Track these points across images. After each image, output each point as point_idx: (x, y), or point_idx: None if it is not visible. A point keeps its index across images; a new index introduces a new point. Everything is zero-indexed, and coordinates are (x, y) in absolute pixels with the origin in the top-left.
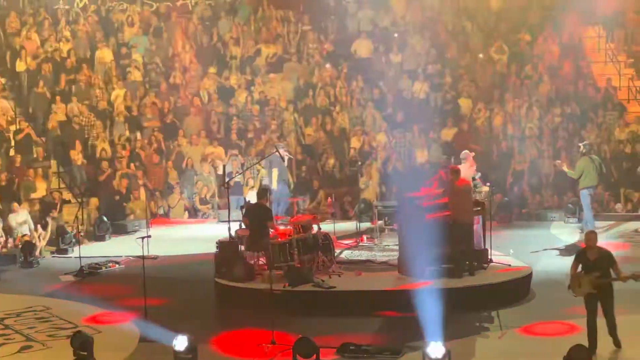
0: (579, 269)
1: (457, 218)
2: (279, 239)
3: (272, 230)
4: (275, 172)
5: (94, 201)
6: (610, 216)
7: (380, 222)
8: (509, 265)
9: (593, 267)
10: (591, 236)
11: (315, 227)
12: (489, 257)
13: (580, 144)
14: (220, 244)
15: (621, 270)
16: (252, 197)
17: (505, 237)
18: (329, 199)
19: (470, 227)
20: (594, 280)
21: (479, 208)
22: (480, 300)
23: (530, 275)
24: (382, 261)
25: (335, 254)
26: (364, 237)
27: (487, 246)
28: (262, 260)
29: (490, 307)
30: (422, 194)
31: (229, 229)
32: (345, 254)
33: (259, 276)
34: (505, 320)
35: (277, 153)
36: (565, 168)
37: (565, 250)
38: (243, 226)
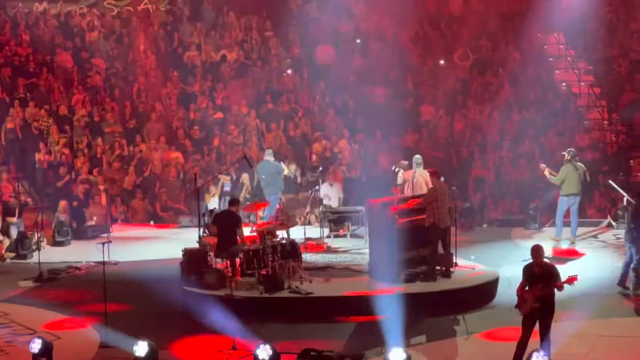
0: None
1: (436, 221)
2: (251, 246)
3: (239, 237)
4: (246, 177)
5: (63, 204)
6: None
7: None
8: (473, 269)
9: (538, 280)
10: (539, 252)
11: (279, 234)
12: (454, 261)
13: (564, 152)
14: (188, 252)
15: (560, 281)
16: (213, 204)
17: (467, 243)
18: (278, 205)
19: (446, 230)
20: (538, 292)
21: None
22: (448, 304)
23: (497, 280)
24: (343, 266)
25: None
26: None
27: (452, 251)
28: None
29: (456, 311)
30: (392, 199)
31: (199, 235)
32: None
33: (229, 283)
34: (470, 325)
35: (245, 159)
36: (547, 173)
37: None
38: (207, 233)
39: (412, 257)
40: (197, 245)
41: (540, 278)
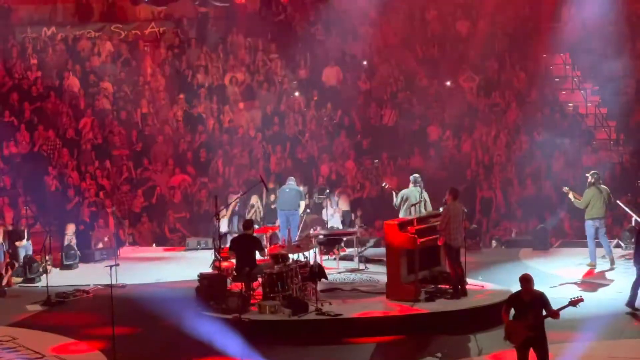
0: (511, 314)
1: (447, 241)
2: (273, 269)
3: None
4: (256, 199)
5: (71, 228)
6: (575, 243)
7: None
8: (482, 287)
9: (527, 308)
10: (530, 283)
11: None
12: (465, 280)
13: (588, 174)
14: (206, 277)
15: (552, 308)
16: (224, 226)
17: (474, 264)
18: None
19: (458, 251)
20: (531, 321)
21: None
22: (461, 323)
23: None
24: (351, 288)
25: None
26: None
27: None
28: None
29: (468, 330)
30: (408, 219)
31: (219, 259)
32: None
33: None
34: (481, 345)
35: (262, 182)
36: (572, 196)
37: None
38: (218, 257)
39: (427, 276)
40: (208, 269)
41: (530, 306)
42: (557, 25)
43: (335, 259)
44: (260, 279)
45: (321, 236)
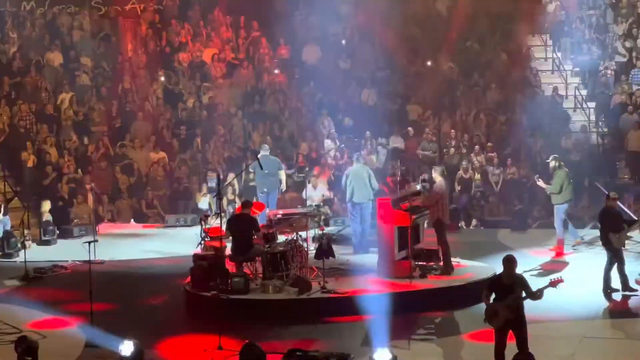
0: (491, 297)
1: (440, 217)
2: (274, 248)
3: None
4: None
5: (46, 204)
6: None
7: None
8: (458, 262)
9: (508, 291)
10: (513, 264)
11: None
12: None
13: (550, 158)
14: (204, 257)
15: (532, 290)
16: (204, 203)
17: (454, 244)
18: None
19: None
20: (511, 304)
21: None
22: (440, 301)
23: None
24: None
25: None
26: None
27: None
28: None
29: (454, 308)
30: (400, 196)
31: (207, 239)
32: None
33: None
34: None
35: (257, 160)
36: (542, 184)
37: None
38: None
39: (418, 252)
40: (196, 248)
41: (510, 289)
42: (538, 7)
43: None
44: (259, 259)
45: (279, 216)
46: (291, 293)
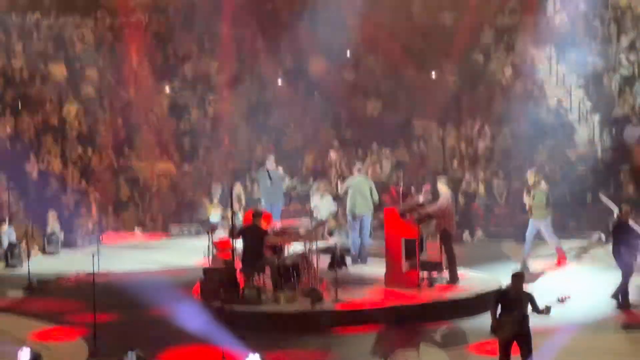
0: (498, 310)
1: (447, 228)
2: (285, 259)
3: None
4: (239, 187)
5: (53, 214)
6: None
7: None
8: (463, 273)
9: (514, 304)
10: (521, 280)
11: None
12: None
13: (531, 175)
14: (215, 270)
15: (538, 306)
16: (215, 216)
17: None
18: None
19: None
20: (517, 318)
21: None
22: (446, 312)
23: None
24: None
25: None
26: None
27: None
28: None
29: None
30: (407, 207)
31: (233, 251)
32: None
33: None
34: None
35: (267, 172)
36: (528, 201)
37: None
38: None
39: (423, 263)
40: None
41: (515, 302)
42: (543, 18)
43: None
44: (268, 270)
45: (277, 228)
46: (304, 304)
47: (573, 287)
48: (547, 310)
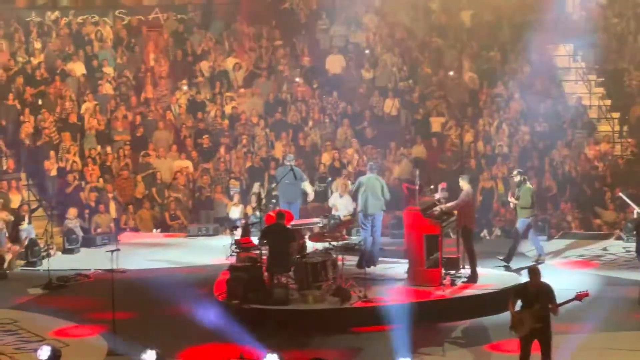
0: (517, 305)
1: (467, 224)
2: (312, 258)
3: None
4: (258, 187)
5: (73, 212)
6: (576, 235)
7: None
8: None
9: (534, 300)
10: (538, 275)
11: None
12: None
13: (514, 174)
14: (243, 269)
15: (556, 302)
16: (235, 213)
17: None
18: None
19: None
20: (537, 312)
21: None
22: (467, 309)
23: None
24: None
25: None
26: None
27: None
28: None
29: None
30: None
31: (260, 252)
32: None
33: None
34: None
35: (292, 171)
36: (510, 199)
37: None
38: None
39: (445, 260)
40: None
41: (536, 297)
42: (562, 16)
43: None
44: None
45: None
46: (332, 303)
47: (590, 286)
48: (562, 305)
